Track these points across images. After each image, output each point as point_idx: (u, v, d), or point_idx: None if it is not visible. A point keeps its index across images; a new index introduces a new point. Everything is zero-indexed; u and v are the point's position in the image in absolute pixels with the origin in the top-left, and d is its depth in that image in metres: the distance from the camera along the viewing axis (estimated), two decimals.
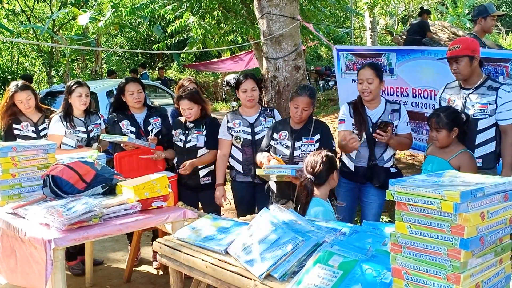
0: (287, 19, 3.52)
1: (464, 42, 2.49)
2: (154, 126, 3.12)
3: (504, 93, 2.42)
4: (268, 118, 2.83)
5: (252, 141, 2.78)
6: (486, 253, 1.21)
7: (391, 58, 3.29)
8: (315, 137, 2.55)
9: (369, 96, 2.55)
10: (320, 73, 15.04)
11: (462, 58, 2.42)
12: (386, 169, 2.59)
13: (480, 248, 1.17)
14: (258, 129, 2.81)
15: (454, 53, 2.45)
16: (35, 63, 14.49)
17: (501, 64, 2.77)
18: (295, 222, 1.74)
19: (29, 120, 3.09)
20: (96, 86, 6.90)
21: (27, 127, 3.06)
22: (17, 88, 3.03)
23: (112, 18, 7.65)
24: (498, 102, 2.41)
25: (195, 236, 1.92)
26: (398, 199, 1.22)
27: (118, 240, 3.54)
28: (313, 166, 2.12)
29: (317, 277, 1.43)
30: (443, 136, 2.37)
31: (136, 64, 14.73)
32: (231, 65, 11.63)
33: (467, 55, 2.42)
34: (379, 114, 2.59)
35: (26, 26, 12.43)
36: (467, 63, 2.43)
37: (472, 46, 2.46)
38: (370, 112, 2.60)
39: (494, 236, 1.21)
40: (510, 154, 2.39)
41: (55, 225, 1.93)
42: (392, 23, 18.56)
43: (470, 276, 1.16)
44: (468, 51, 2.43)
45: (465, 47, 2.43)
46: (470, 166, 2.29)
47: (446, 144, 2.39)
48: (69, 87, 3.01)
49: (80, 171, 2.27)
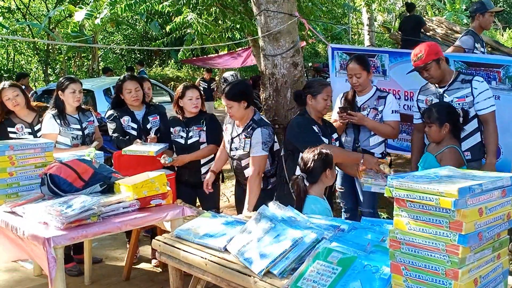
0: (284, 16, 3.50)
1: (425, 48, 2.52)
2: (153, 124, 3.11)
3: (478, 84, 2.48)
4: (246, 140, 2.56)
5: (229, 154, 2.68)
6: (484, 249, 1.22)
7: (384, 59, 3.31)
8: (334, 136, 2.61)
9: (359, 88, 2.74)
10: (318, 70, 15.02)
11: (429, 64, 2.47)
12: (371, 153, 2.65)
13: (478, 243, 1.18)
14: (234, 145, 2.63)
15: (421, 62, 2.50)
16: (31, 61, 14.41)
17: (494, 69, 2.82)
18: (294, 219, 1.74)
19: (23, 122, 3.01)
20: (93, 84, 6.88)
21: (22, 129, 2.99)
22: (4, 85, 2.98)
23: (109, 15, 7.60)
24: (474, 93, 2.46)
25: (194, 233, 1.92)
26: (396, 195, 1.23)
27: (116, 238, 3.54)
28: (305, 163, 2.11)
29: (316, 274, 1.43)
30: (433, 131, 2.37)
31: (133, 62, 14.68)
32: (229, 61, 11.58)
33: (433, 60, 2.47)
34: (365, 100, 2.76)
35: (22, 24, 12.35)
36: (436, 66, 2.49)
37: (434, 49, 2.52)
38: (358, 98, 2.77)
39: (492, 232, 1.22)
40: (493, 142, 2.45)
41: (54, 223, 1.93)
42: (390, 20, 18.54)
43: (468, 271, 1.17)
44: (432, 55, 2.48)
45: (428, 52, 2.48)
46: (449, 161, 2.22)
47: (438, 139, 2.39)
48: (61, 84, 2.93)
49: (78, 169, 2.27)
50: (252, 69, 11.76)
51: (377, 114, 2.70)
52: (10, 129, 2.98)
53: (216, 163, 2.84)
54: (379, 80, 3.40)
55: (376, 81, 3.41)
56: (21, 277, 2.93)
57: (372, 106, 2.72)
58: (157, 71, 15.51)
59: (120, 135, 3.04)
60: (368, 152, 2.67)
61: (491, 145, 2.45)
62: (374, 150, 2.72)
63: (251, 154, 2.56)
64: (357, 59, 2.73)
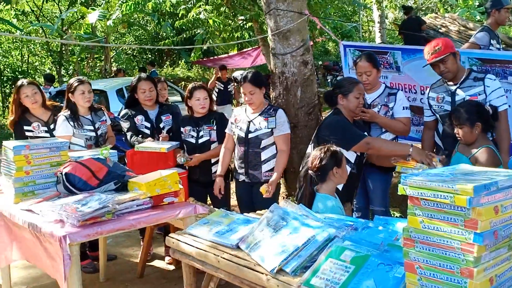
0: (294, 14, 3.50)
1: (442, 41, 2.52)
2: (165, 123, 3.15)
3: (490, 82, 2.46)
4: (270, 118, 2.68)
5: (245, 138, 2.72)
6: (500, 247, 1.20)
7: (396, 56, 3.29)
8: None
9: (369, 86, 2.73)
10: (328, 68, 14.93)
11: (447, 57, 2.46)
12: None
13: (494, 242, 1.17)
14: (253, 127, 2.71)
15: (439, 55, 2.48)
16: (45, 62, 14.67)
17: (510, 65, 2.78)
18: (306, 217, 1.75)
19: (39, 120, 3.06)
20: (106, 85, 6.98)
21: (39, 127, 3.04)
22: (22, 83, 3.05)
23: (121, 16, 7.70)
24: (487, 91, 2.44)
25: (207, 231, 1.94)
26: (410, 193, 1.22)
27: (130, 236, 3.59)
28: (312, 161, 2.09)
29: (329, 272, 1.43)
30: (465, 133, 2.30)
31: (144, 62, 14.81)
32: (239, 60, 11.62)
33: (450, 53, 2.47)
34: (375, 97, 2.74)
35: (36, 25, 12.58)
36: (453, 60, 2.49)
37: (450, 43, 2.53)
38: (367, 95, 2.74)
39: (508, 230, 1.20)
40: (506, 139, 2.43)
41: (70, 221, 1.97)
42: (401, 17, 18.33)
43: (483, 270, 1.15)
44: (450, 48, 2.48)
45: (446, 45, 2.48)
46: (485, 163, 2.19)
47: (471, 140, 2.31)
48: (70, 86, 2.96)
49: (92, 168, 2.30)
50: (262, 68, 11.76)
51: (388, 111, 2.69)
52: (26, 127, 3.03)
53: (222, 166, 2.85)
54: (394, 76, 3.36)
55: (391, 76, 3.39)
56: (38, 274, 2.99)
57: (382, 103, 2.71)
58: (168, 71, 15.66)
59: (134, 134, 3.08)
60: None
61: (504, 143, 2.41)
62: None
63: (279, 132, 2.67)
64: (366, 57, 2.72)
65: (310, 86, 3.62)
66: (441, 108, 2.59)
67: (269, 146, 2.69)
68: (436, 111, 2.63)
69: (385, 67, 3.35)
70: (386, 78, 3.38)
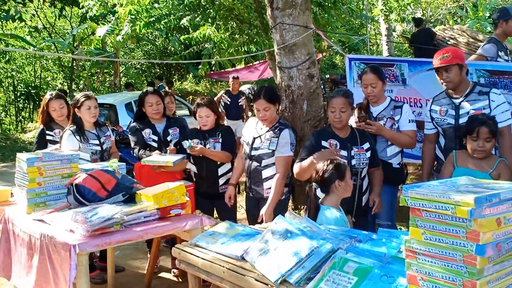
0: (300, 28, 3.57)
1: (453, 51, 2.53)
2: (173, 137, 3.20)
3: (495, 96, 2.45)
4: (273, 139, 2.62)
5: (249, 154, 2.73)
6: (504, 260, 1.19)
7: (403, 68, 3.30)
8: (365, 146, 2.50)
9: (374, 99, 2.74)
10: (335, 81, 14.98)
11: (452, 66, 2.46)
12: (388, 164, 2.64)
13: (497, 254, 1.16)
14: (257, 144, 2.68)
15: (445, 62, 2.47)
16: (57, 77, 15.03)
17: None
18: (310, 229, 1.76)
19: (61, 128, 3.18)
20: (115, 99, 7.12)
21: (59, 133, 3.16)
22: (52, 97, 3.21)
23: (130, 32, 7.90)
24: (492, 105, 2.43)
25: (212, 242, 1.96)
26: (412, 204, 1.23)
27: (137, 248, 3.61)
28: (316, 173, 2.12)
29: (332, 283, 1.44)
30: (490, 147, 2.22)
31: (153, 77, 15.06)
32: (246, 74, 11.75)
33: (457, 64, 2.46)
34: (381, 110, 2.74)
35: (48, 41, 12.95)
36: (457, 71, 2.47)
37: (461, 55, 2.51)
38: (373, 108, 2.77)
39: (511, 243, 1.20)
40: (509, 154, 2.39)
41: (79, 231, 2.01)
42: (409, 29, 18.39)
43: (487, 283, 1.15)
44: (458, 59, 2.46)
45: (455, 56, 2.47)
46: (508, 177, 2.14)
47: (488, 155, 2.26)
48: (77, 101, 3.02)
49: (102, 179, 2.35)
50: (269, 82, 11.88)
51: (394, 124, 2.69)
52: (48, 131, 3.21)
53: (234, 175, 2.89)
54: (399, 89, 3.38)
55: (396, 89, 3.40)
56: None
57: (388, 116, 2.71)
58: (176, 86, 15.91)
59: (142, 147, 3.13)
60: (385, 163, 2.64)
61: (508, 158, 2.38)
62: (391, 161, 2.70)
63: (278, 154, 2.61)
64: (372, 69, 2.73)
65: (316, 99, 3.66)
66: (444, 121, 2.57)
67: (270, 165, 2.66)
68: (439, 124, 2.61)
69: (390, 80, 3.36)
70: (392, 91, 3.39)
